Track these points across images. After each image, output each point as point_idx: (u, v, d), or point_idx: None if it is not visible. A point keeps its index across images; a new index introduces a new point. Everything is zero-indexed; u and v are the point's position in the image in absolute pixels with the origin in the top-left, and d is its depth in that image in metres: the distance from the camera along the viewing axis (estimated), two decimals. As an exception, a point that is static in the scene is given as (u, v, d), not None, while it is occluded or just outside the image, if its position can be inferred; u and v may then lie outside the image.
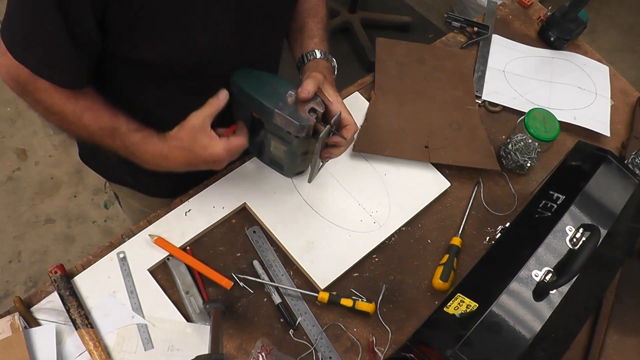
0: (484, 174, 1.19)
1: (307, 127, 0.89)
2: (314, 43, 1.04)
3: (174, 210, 1.03)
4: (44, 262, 2.05)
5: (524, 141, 1.15)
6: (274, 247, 1.03)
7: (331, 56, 1.04)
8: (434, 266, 1.06)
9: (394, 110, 1.21)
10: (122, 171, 1.15)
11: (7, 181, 2.21)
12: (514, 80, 1.36)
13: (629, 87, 1.44)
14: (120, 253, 0.97)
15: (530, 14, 1.51)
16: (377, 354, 0.96)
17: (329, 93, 0.94)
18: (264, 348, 0.91)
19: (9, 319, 0.87)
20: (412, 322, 1.00)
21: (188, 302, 0.95)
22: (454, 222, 1.12)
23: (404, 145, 1.16)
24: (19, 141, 2.31)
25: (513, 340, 0.82)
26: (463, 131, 1.21)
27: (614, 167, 0.99)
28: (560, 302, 0.86)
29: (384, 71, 1.29)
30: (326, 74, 0.97)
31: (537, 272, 0.88)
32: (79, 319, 0.89)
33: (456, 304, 0.88)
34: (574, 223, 0.93)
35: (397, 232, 1.08)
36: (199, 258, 0.99)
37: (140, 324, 0.92)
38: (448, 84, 1.30)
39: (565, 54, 1.43)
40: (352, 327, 0.98)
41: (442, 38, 1.42)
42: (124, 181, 1.20)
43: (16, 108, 2.38)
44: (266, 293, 0.98)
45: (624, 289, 1.09)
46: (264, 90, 0.91)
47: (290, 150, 0.97)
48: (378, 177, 1.13)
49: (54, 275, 0.92)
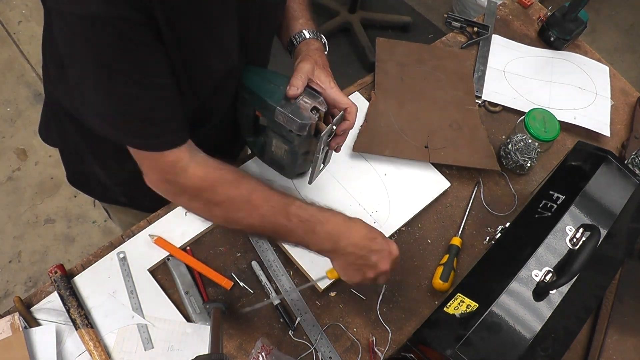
0: (484, 174, 1.19)
1: (308, 125, 0.88)
2: (300, 24, 1.01)
3: (174, 210, 1.03)
4: (44, 262, 2.05)
5: (524, 141, 1.15)
6: (274, 247, 1.03)
7: (319, 33, 1.02)
8: (434, 266, 1.06)
9: (394, 110, 1.21)
10: (115, 193, 1.13)
11: (7, 181, 2.21)
12: (514, 80, 1.36)
13: (629, 87, 1.44)
14: (120, 253, 0.97)
15: (530, 14, 1.51)
16: (377, 354, 0.96)
17: (321, 80, 0.92)
18: (264, 348, 0.91)
19: (9, 319, 0.87)
20: (412, 322, 1.00)
21: (188, 302, 0.95)
22: (454, 222, 1.12)
23: (404, 145, 1.16)
24: (19, 141, 2.31)
25: (513, 340, 0.82)
26: (463, 131, 1.21)
27: (614, 167, 0.99)
28: (560, 302, 0.86)
29: (384, 71, 1.28)
30: (318, 57, 0.95)
31: (537, 272, 0.88)
32: (79, 319, 0.89)
33: (456, 304, 0.88)
34: (574, 223, 0.93)
35: (397, 232, 1.08)
36: (199, 258, 0.99)
37: (140, 324, 0.92)
38: (448, 84, 1.30)
39: (565, 54, 1.43)
40: (352, 327, 0.98)
41: (442, 38, 1.42)
42: (117, 201, 1.17)
43: (16, 108, 2.38)
44: (266, 293, 0.98)
45: (624, 289, 1.09)
46: (266, 87, 0.91)
47: (291, 150, 0.97)
48: (378, 177, 1.13)
49: (54, 275, 0.92)
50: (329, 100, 0.91)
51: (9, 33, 2.59)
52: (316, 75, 0.92)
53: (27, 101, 2.41)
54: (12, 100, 2.40)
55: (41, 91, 2.43)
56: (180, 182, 0.80)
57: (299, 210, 0.82)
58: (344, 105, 0.92)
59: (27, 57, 2.53)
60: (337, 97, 0.92)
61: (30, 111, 2.38)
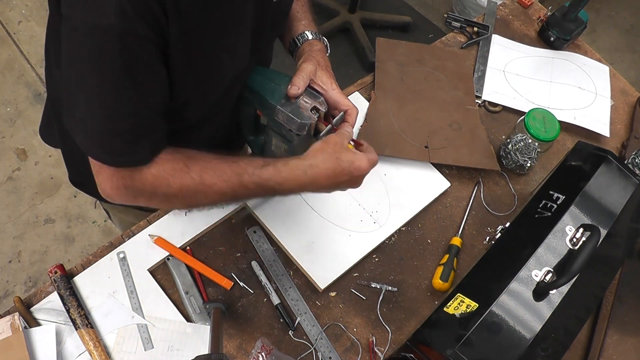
0: (484, 174, 1.19)
1: (308, 125, 0.89)
2: (302, 25, 1.02)
3: (174, 210, 1.03)
4: (44, 262, 2.05)
5: (524, 141, 1.15)
6: (274, 247, 1.03)
7: (322, 35, 1.03)
8: (434, 266, 1.06)
9: (394, 110, 1.21)
10: None
11: (7, 181, 2.21)
12: (514, 80, 1.36)
13: (629, 87, 1.44)
14: (120, 253, 0.97)
15: (530, 14, 1.51)
16: (377, 354, 0.96)
17: (323, 81, 0.92)
18: (264, 348, 0.91)
19: (9, 319, 0.87)
20: (412, 322, 1.00)
21: (188, 302, 0.95)
22: (454, 222, 1.12)
23: (404, 145, 1.16)
24: (19, 141, 2.31)
25: (513, 340, 0.82)
26: (463, 131, 1.21)
27: (614, 167, 0.99)
28: (560, 302, 0.86)
29: (384, 71, 1.28)
30: (320, 58, 0.95)
31: (537, 272, 0.88)
32: (79, 319, 0.89)
33: (456, 304, 0.88)
34: (574, 223, 0.93)
35: (397, 232, 1.08)
36: (199, 258, 0.99)
37: (140, 324, 0.92)
38: (448, 84, 1.30)
39: (565, 54, 1.43)
40: (352, 327, 0.98)
41: (442, 38, 1.42)
42: None
43: (16, 108, 2.38)
44: (266, 293, 0.98)
45: (624, 289, 1.09)
46: (268, 86, 0.91)
47: (291, 150, 0.97)
48: (378, 177, 1.13)
49: (54, 275, 0.92)
50: (330, 101, 0.92)
51: (9, 33, 2.59)
52: (318, 77, 0.92)
53: (27, 101, 2.41)
54: (12, 100, 2.40)
55: (41, 91, 2.43)
56: (137, 185, 0.80)
57: (253, 178, 0.82)
58: (345, 107, 0.92)
59: (27, 57, 2.53)
60: (338, 99, 0.92)
61: (30, 111, 2.38)
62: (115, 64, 0.69)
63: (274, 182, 0.83)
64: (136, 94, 0.73)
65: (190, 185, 0.81)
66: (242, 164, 0.83)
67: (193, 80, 0.80)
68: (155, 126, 0.79)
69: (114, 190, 0.80)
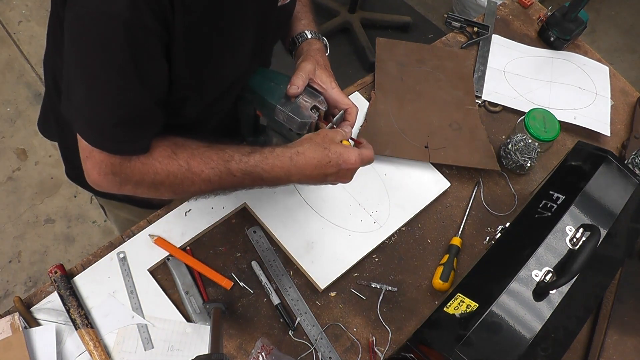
0: (484, 174, 1.19)
1: (308, 124, 0.89)
2: (302, 24, 1.02)
3: (174, 210, 1.03)
4: (44, 262, 2.05)
5: (524, 141, 1.15)
6: (274, 247, 1.03)
7: (321, 35, 1.03)
8: (434, 266, 1.06)
9: (394, 110, 1.21)
10: None
11: (7, 181, 2.21)
12: (514, 80, 1.36)
13: (629, 87, 1.44)
14: (120, 253, 0.97)
15: (530, 14, 1.51)
16: (377, 354, 0.96)
17: (322, 80, 0.92)
18: (264, 348, 0.91)
19: (9, 319, 0.87)
20: (412, 322, 1.00)
21: (188, 302, 0.95)
22: (454, 222, 1.12)
23: (404, 145, 1.16)
24: (19, 141, 2.31)
25: (513, 340, 0.82)
26: (463, 131, 1.21)
27: (614, 167, 0.99)
28: (560, 302, 0.86)
29: (384, 71, 1.28)
30: (319, 57, 0.96)
31: (537, 272, 0.88)
32: (79, 319, 0.89)
33: (456, 304, 0.88)
34: (574, 223, 0.93)
35: (397, 232, 1.08)
36: (199, 258, 0.99)
37: (140, 324, 0.92)
38: (448, 84, 1.30)
39: (565, 54, 1.43)
40: (352, 327, 0.98)
41: (442, 38, 1.42)
42: (113, 196, 1.16)
43: (16, 108, 2.38)
44: (266, 293, 0.98)
45: (624, 289, 1.09)
46: (267, 86, 0.91)
47: (290, 150, 0.97)
48: (378, 177, 1.13)
49: (54, 275, 0.92)
50: (330, 100, 0.92)
51: (9, 33, 2.59)
52: (317, 76, 0.92)
53: (27, 101, 2.41)
54: (12, 100, 2.40)
55: (41, 91, 2.43)
56: (125, 173, 0.80)
57: (240, 165, 0.82)
58: (345, 106, 0.92)
59: (27, 57, 2.53)
60: (338, 98, 0.92)
61: (30, 111, 2.38)
62: (121, 52, 0.69)
63: (261, 169, 0.82)
64: (140, 84, 0.73)
65: (177, 172, 0.81)
66: (230, 151, 0.83)
67: (193, 77, 0.80)
68: (156, 117, 0.79)
69: (101, 176, 0.79)
